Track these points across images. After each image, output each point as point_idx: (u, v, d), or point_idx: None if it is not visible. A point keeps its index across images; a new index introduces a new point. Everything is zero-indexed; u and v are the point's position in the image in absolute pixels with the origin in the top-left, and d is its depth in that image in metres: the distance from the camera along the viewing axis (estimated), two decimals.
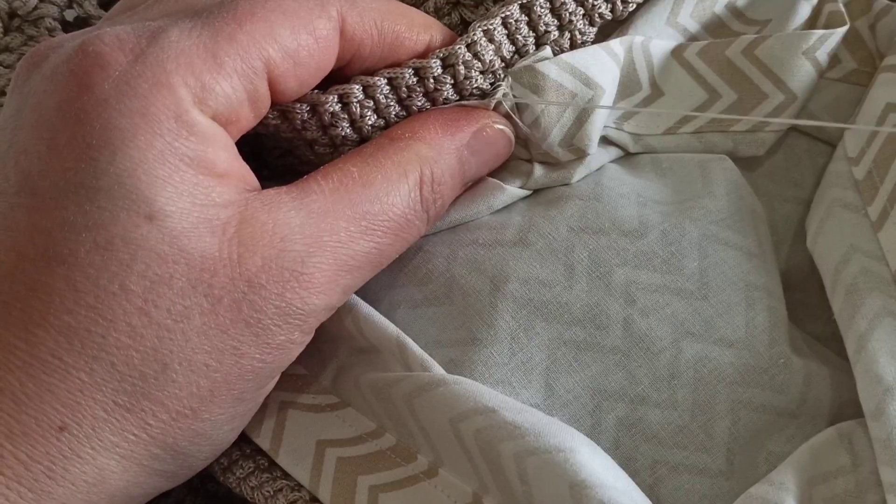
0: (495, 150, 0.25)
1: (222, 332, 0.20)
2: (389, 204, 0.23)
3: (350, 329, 0.25)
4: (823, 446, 0.22)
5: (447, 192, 0.24)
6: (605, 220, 0.25)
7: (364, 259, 0.22)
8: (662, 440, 0.24)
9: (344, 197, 0.22)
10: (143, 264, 0.20)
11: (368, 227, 0.22)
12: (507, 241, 0.25)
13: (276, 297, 0.21)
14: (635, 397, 0.24)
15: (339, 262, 0.22)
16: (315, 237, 0.21)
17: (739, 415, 0.24)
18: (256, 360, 0.21)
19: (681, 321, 0.24)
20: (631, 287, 0.24)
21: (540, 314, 0.24)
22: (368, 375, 0.24)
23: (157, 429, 0.20)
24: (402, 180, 0.23)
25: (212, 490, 0.27)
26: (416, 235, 0.24)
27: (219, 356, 0.21)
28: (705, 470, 0.23)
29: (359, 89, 0.24)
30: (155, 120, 0.20)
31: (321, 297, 0.22)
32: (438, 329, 0.25)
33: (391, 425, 0.24)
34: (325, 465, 0.23)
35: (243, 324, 0.21)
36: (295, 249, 0.21)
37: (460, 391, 0.22)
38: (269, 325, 0.21)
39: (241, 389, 0.21)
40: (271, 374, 0.22)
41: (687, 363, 0.24)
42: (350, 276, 0.22)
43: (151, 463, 0.21)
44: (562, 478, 0.20)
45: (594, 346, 0.24)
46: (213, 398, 0.21)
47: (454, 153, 0.24)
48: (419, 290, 0.25)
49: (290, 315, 0.21)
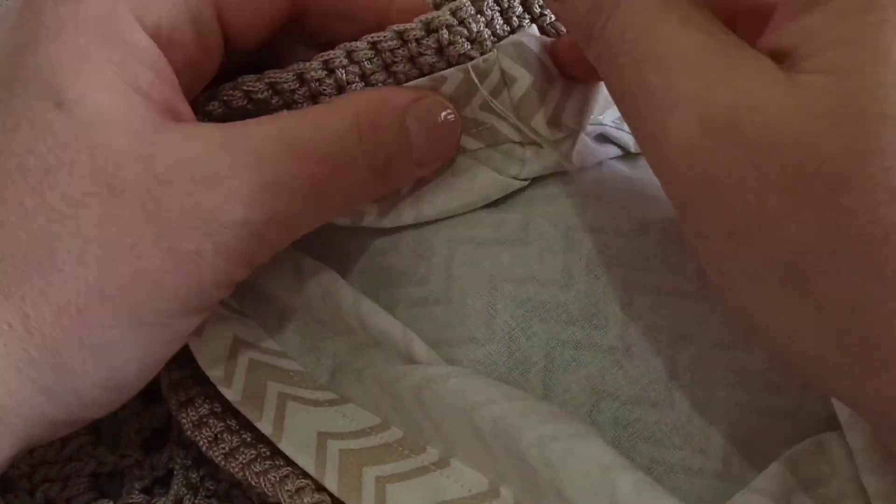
0: (440, 118, 0.24)
1: (119, 226, 0.20)
2: (321, 132, 0.22)
3: (352, 323, 0.25)
4: (802, 456, 0.22)
5: (391, 142, 0.23)
6: (604, 220, 0.25)
7: (293, 184, 0.21)
8: (659, 440, 0.24)
9: (272, 125, 0.22)
10: (44, 147, 0.19)
11: (297, 151, 0.21)
12: (506, 239, 0.25)
13: (185, 196, 0.20)
14: (633, 397, 0.24)
15: (262, 179, 0.21)
16: (235, 150, 0.21)
17: (736, 416, 0.24)
18: (157, 266, 0.20)
19: (679, 322, 0.24)
20: (629, 287, 0.24)
21: (537, 314, 0.24)
22: (372, 369, 0.24)
23: (35, 323, 0.19)
24: (336, 116, 0.22)
25: (211, 489, 0.27)
26: (358, 179, 0.23)
27: (113, 251, 0.20)
28: (702, 471, 0.23)
29: (342, 54, 0.24)
30: (83, 21, 0.20)
31: (238, 208, 0.20)
32: (437, 328, 0.25)
33: (397, 419, 0.24)
34: (329, 456, 0.23)
35: (144, 220, 0.20)
36: (211, 155, 0.20)
37: (472, 382, 0.22)
38: (172, 225, 0.20)
39: (138, 302, 0.20)
40: (178, 299, 0.21)
41: (685, 364, 0.24)
42: (278, 198, 0.21)
43: (29, 370, 0.19)
44: (591, 460, 0.21)
45: (592, 345, 0.24)
46: (104, 302, 0.20)
47: (394, 111, 0.23)
48: (418, 289, 0.25)
49: (198, 218, 0.20)
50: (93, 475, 0.27)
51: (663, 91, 0.19)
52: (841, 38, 0.17)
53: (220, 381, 0.25)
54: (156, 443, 0.28)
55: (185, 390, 0.25)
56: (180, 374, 0.25)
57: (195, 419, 0.25)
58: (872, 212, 0.17)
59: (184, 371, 0.26)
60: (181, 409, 0.25)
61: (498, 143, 0.26)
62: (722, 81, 0.18)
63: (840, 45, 0.17)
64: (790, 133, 0.17)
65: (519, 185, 0.26)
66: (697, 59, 0.19)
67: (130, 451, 0.27)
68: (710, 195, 0.19)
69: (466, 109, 0.25)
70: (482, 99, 0.25)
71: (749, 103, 0.18)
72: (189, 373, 0.26)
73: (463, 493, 0.22)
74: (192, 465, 0.27)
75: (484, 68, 0.25)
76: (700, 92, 0.19)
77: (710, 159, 0.18)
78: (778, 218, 0.18)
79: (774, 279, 0.19)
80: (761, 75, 0.18)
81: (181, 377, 0.25)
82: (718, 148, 0.18)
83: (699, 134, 0.18)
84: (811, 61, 0.18)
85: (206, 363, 0.25)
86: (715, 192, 0.19)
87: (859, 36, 0.17)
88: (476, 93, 0.25)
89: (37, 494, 0.26)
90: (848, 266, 0.17)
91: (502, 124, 0.25)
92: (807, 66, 0.18)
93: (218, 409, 0.25)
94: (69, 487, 0.27)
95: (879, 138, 0.17)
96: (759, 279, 0.19)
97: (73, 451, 0.27)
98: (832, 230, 0.17)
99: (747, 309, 0.20)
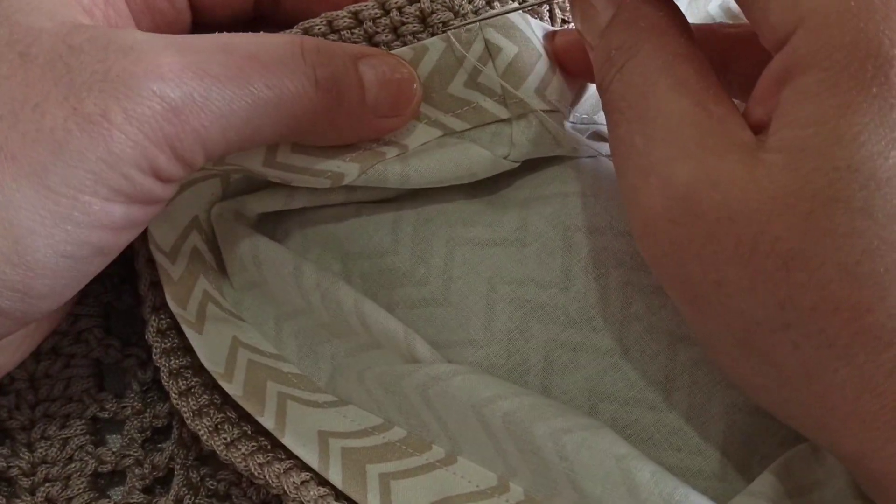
0: (395, 70, 0.24)
1: (26, 85, 0.20)
2: (260, 40, 0.22)
3: (353, 324, 0.25)
4: (798, 461, 0.23)
5: (337, 68, 0.23)
6: (602, 220, 0.25)
7: (217, 70, 0.21)
8: (657, 442, 0.24)
9: (204, 35, 0.22)
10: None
11: (229, 48, 0.21)
12: (504, 240, 0.25)
13: (96, 62, 0.20)
14: (631, 399, 0.24)
15: (183, 60, 0.20)
16: (160, 40, 0.20)
17: (734, 418, 0.24)
18: (60, 125, 0.19)
19: (677, 324, 0.24)
20: (627, 289, 0.24)
21: (536, 315, 0.24)
22: (375, 370, 0.24)
23: None
24: (281, 36, 0.22)
25: (212, 488, 0.27)
26: (297, 92, 0.22)
27: (17, 109, 0.20)
28: (700, 472, 0.24)
29: (322, 22, 0.24)
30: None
31: (151, 77, 0.20)
32: (436, 330, 0.25)
33: (401, 419, 0.24)
34: (332, 452, 0.23)
35: (52, 82, 0.20)
36: (132, 36, 0.20)
37: (479, 379, 0.23)
38: (79, 87, 0.20)
39: (43, 164, 0.19)
40: (88, 168, 0.20)
41: (683, 366, 0.24)
42: (197, 80, 0.20)
43: None
44: (606, 451, 0.21)
45: (590, 347, 0.24)
46: (5, 158, 0.19)
47: (345, 53, 0.23)
48: (417, 290, 0.25)
49: (105, 80, 0.20)
50: (93, 475, 0.27)
51: (643, 155, 0.20)
52: (804, 118, 0.18)
53: (220, 377, 0.25)
54: (157, 442, 0.28)
55: (186, 379, 0.25)
56: (180, 363, 0.26)
57: (195, 408, 0.25)
58: (824, 287, 0.17)
59: (184, 360, 0.26)
60: (181, 398, 0.25)
61: (485, 123, 0.25)
62: (691, 155, 0.19)
63: (803, 126, 0.18)
64: (746, 210, 0.18)
65: (509, 165, 0.26)
66: (678, 128, 0.19)
67: (131, 451, 0.27)
68: (672, 264, 0.20)
69: (451, 87, 0.25)
70: (466, 76, 0.25)
71: (711, 179, 0.19)
72: (189, 362, 0.26)
73: (471, 489, 0.22)
74: (193, 464, 0.27)
75: (467, 38, 0.24)
76: (669, 161, 0.19)
77: (671, 230, 0.19)
78: (734, 290, 0.19)
79: (735, 343, 0.20)
80: (729, 152, 0.19)
81: (181, 366, 0.26)
82: (678, 220, 0.19)
83: (662, 204, 0.19)
84: (776, 138, 0.18)
85: (207, 358, 0.25)
86: (676, 261, 0.20)
87: (821, 118, 0.17)
88: (460, 68, 0.25)
89: (38, 494, 0.27)
90: (801, 336, 0.18)
91: (488, 102, 0.25)
92: (772, 143, 0.18)
93: (218, 401, 0.25)
94: (70, 487, 0.27)
95: (830, 219, 0.17)
96: (722, 343, 0.20)
97: (73, 451, 0.27)
98: (786, 304, 0.18)
99: (719, 365, 0.21)
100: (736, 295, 0.19)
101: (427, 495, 0.23)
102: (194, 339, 0.25)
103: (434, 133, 0.25)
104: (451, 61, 0.25)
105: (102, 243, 0.21)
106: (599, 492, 0.21)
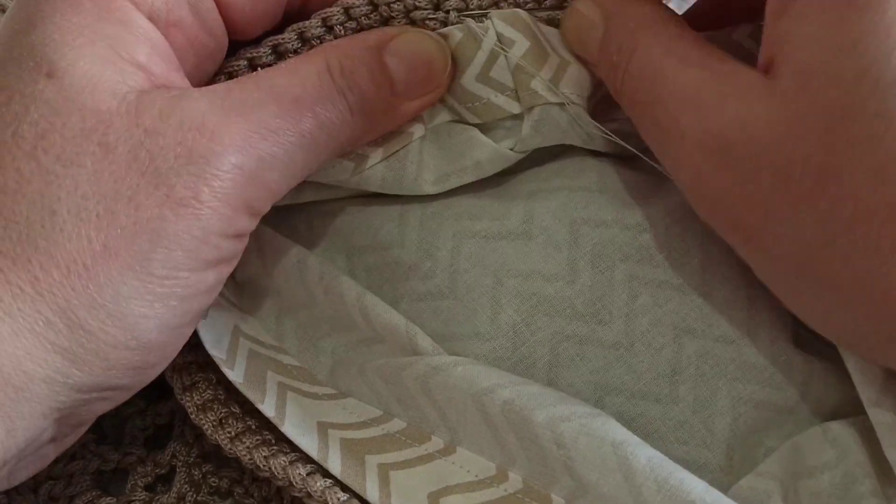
0: (421, 48, 0.24)
1: (115, 179, 0.20)
2: (298, 76, 0.22)
3: (355, 317, 0.25)
4: (808, 443, 0.23)
5: (365, 81, 0.23)
6: (608, 214, 0.25)
7: (277, 125, 0.22)
8: (664, 435, 0.24)
9: (250, 77, 0.23)
10: (36, 114, 0.20)
11: (276, 92, 0.22)
12: (510, 233, 0.25)
13: (176, 145, 0.20)
14: (637, 392, 0.24)
15: (248, 123, 0.21)
16: (220, 99, 0.21)
17: (740, 411, 0.24)
18: (155, 214, 0.20)
19: (683, 317, 0.24)
20: (633, 282, 0.24)
21: (542, 308, 0.24)
22: (376, 362, 0.24)
23: (45, 284, 0.20)
24: (308, 62, 0.23)
25: (214, 486, 0.27)
26: (339, 119, 0.23)
27: (111, 205, 0.20)
28: (706, 465, 0.24)
29: (340, 10, 0.24)
30: (79, 3, 0.21)
31: (230, 152, 0.21)
32: (442, 323, 0.25)
33: (400, 410, 0.24)
34: (331, 443, 0.23)
35: (138, 171, 0.20)
36: (197, 105, 0.21)
37: (480, 369, 0.23)
38: (167, 174, 0.20)
39: (144, 254, 0.20)
40: (184, 247, 0.21)
41: (689, 359, 0.24)
42: (265, 140, 0.21)
43: (45, 332, 0.20)
44: (603, 439, 0.21)
45: (596, 340, 0.24)
46: (109, 256, 0.20)
47: (367, 50, 0.24)
48: (423, 284, 0.25)
49: (191, 163, 0.20)
50: (96, 472, 0.27)
51: (673, 128, 0.21)
52: (804, 40, 0.19)
53: (223, 363, 0.25)
54: (159, 440, 0.28)
55: (190, 374, 0.25)
56: (184, 359, 0.26)
57: (199, 403, 0.25)
58: (857, 194, 0.18)
59: (188, 357, 0.26)
60: (185, 393, 0.25)
61: (496, 120, 0.26)
62: (715, 109, 0.20)
63: (804, 47, 0.19)
64: (774, 140, 0.19)
65: (515, 157, 0.26)
66: (696, 93, 0.21)
67: (133, 449, 0.27)
68: (724, 210, 0.21)
69: (462, 80, 0.25)
70: (477, 70, 0.25)
71: (738, 123, 0.20)
72: (193, 358, 0.26)
73: (469, 478, 0.22)
74: (195, 462, 0.27)
75: (480, 30, 0.25)
76: (699, 123, 0.21)
77: (715, 179, 0.21)
78: (780, 218, 0.20)
79: (794, 275, 0.20)
80: (747, 94, 0.20)
81: (185, 362, 0.26)
82: (720, 167, 0.20)
83: (702, 159, 0.21)
84: (785, 65, 0.19)
85: (210, 343, 0.25)
86: (727, 206, 0.21)
87: (819, 35, 0.18)
88: (472, 62, 0.25)
89: (40, 491, 0.26)
90: (848, 248, 0.19)
91: (500, 98, 0.25)
92: (782, 71, 0.19)
93: (222, 396, 0.25)
94: (72, 485, 0.27)
95: (848, 129, 0.18)
96: (783, 277, 0.21)
97: (76, 449, 0.27)
98: (827, 218, 0.19)
99: (786, 303, 0.22)
100: (783, 222, 0.20)
101: (426, 485, 0.23)
102: (199, 323, 0.25)
103: (448, 115, 0.26)
104: (465, 53, 0.25)
105: (203, 306, 0.22)
106: (595, 478, 0.21)
